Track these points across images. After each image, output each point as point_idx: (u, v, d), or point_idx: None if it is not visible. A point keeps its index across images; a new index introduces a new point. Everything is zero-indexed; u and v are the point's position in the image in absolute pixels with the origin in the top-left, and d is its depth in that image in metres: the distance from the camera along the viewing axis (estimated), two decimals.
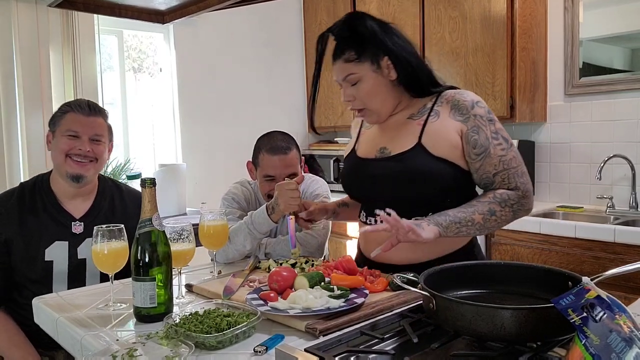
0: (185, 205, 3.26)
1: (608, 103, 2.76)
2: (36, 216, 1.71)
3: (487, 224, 1.31)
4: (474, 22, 2.95)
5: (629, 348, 0.74)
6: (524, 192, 1.34)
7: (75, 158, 1.70)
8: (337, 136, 4.12)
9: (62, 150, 1.70)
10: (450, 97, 1.38)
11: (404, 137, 1.39)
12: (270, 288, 1.29)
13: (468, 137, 1.34)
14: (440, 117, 1.37)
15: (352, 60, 1.40)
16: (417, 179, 1.33)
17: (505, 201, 1.32)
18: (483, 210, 1.30)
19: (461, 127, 1.35)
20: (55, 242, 1.70)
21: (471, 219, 1.29)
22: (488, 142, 1.33)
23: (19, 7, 2.76)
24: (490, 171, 1.34)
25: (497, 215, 1.31)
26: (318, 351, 0.94)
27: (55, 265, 1.69)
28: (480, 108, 1.35)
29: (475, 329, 0.91)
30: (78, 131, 1.72)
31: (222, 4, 1.64)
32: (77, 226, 1.74)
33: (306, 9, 4.07)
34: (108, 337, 1.14)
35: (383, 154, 1.43)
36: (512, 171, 1.33)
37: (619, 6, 2.72)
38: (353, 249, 3.36)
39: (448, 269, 1.15)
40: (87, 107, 1.76)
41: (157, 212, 1.26)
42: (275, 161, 1.79)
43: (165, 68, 3.52)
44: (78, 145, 1.70)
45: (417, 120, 1.40)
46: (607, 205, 2.70)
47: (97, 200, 1.80)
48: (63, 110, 1.76)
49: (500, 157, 1.33)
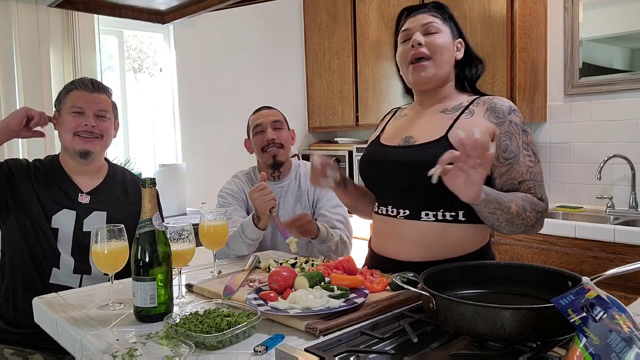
0: (185, 205, 3.26)
1: (608, 103, 2.76)
2: (47, 185, 1.75)
3: (516, 220, 1.26)
4: (473, 22, 2.95)
5: (629, 348, 0.74)
6: (547, 206, 1.32)
7: (82, 135, 1.73)
8: (337, 136, 4.12)
9: (69, 129, 1.73)
10: (488, 100, 1.39)
11: (432, 129, 1.38)
12: (270, 288, 1.29)
13: (500, 141, 1.32)
14: (474, 115, 1.36)
15: (438, 17, 1.42)
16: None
17: (535, 205, 1.29)
18: (519, 203, 1.26)
19: (494, 130, 1.33)
20: (64, 209, 1.73)
21: (508, 206, 1.24)
22: (519, 150, 1.32)
23: (19, 7, 2.76)
24: (516, 178, 1.31)
25: (526, 214, 1.27)
26: (318, 351, 0.94)
27: (60, 234, 1.71)
28: (516, 116, 1.35)
29: (475, 329, 0.91)
30: (83, 107, 1.74)
31: (222, 4, 1.64)
32: (83, 197, 1.77)
33: (306, 9, 4.07)
34: (108, 337, 1.14)
35: (407, 142, 1.41)
36: (537, 183, 1.32)
37: (619, 6, 2.72)
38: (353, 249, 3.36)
39: (448, 269, 1.15)
40: (90, 84, 1.78)
41: (157, 212, 1.26)
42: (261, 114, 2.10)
43: (165, 68, 3.52)
44: (84, 122, 1.73)
45: (449, 115, 1.39)
46: (607, 205, 2.70)
47: (107, 179, 1.84)
48: (68, 89, 1.78)
49: (528, 167, 1.31)
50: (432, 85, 1.43)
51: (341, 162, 3.74)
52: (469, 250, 1.38)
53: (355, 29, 3.70)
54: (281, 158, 2.06)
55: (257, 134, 2.07)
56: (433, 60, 1.39)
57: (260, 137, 2.05)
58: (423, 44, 1.39)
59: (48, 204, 1.73)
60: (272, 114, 2.11)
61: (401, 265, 1.37)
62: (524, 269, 1.16)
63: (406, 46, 1.42)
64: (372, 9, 3.56)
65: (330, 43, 3.89)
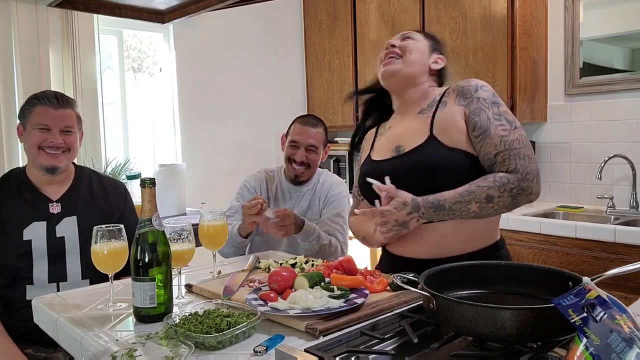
0: (185, 205, 3.26)
1: (608, 103, 2.76)
2: (12, 202, 1.76)
3: (483, 212, 1.30)
4: (474, 21, 2.95)
5: (630, 348, 0.74)
6: (523, 175, 1.29)
7: (48, 150, 1.74)
8: (337, 136, 4.12)
9: (34, 143, 1.73)
10: (456, 86, 1.42)
11: (416, 132, 1.41)
12: (270, 288, 1.29)
13: (470, 120, 1.34)
14: (447, 106, 1.39)
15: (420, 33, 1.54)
16: (433, 171, 1.32)
17: (505, 185, 1.28)
18: (480, 198, 1.28)
19: (464, 110, 1.36)
20: (33, 222, 1.74)
21: (466, 208, 1.28)
22: (489, 123, 1.32)
23: (18, 7, 2.76)
24: (491, 151, 1.32)
25: (495, 202, 1.28)
26: (318, 351, 0.94)
27: (34, 243, 1.73)
28: (484, 92, 1.37)
29: (476, 329, 0.91)
30: (49, 124, 1.74)
31: (222, 4, 1.63)
32: (54, 206, 1.78)
33: (306, 9, 4.07)
34: (108, 337, 1.14)
35: (399, 151, 1.44)
36: (513, 152, 1.30)
37: (619, 6, 2.72)
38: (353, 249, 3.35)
39: (448, 269, 1.15)
40: (55, 99, 1.77)
41: (157, 212, 1.26)
42: (303, 132, 2.10)
43: (165, 68, 3.51)
44: (50, 138, 1.73)
45: (426, 113, 1.43)
46: (608, 205, 2.70)
47: (74, 184, 1.85)
48: (31, 104, 1.77)
49: (502, 137, 1.31)
50: (396, 80, 1.48)
51: (341, 162, 3.74)
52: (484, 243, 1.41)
53: (355, 29, 3.70)
54: (304, 178, 2.14)
55: (291, 147, 2.12)
56: (402, 59, 1.46)
57: (290, 151, 2.12)
58: (396, 45, 1.49)
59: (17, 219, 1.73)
60: (313, 135, 2.11)
61: (420, 263, 1.37)
62: (524, 269, 1.16)
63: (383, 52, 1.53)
64: (372, 9, 3.56)
65: (330, 43, 3.89)
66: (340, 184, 2.22)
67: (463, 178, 1.33)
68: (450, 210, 1.29)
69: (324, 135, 2.16)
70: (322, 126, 2.16)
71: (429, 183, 1.34)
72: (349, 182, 3.69)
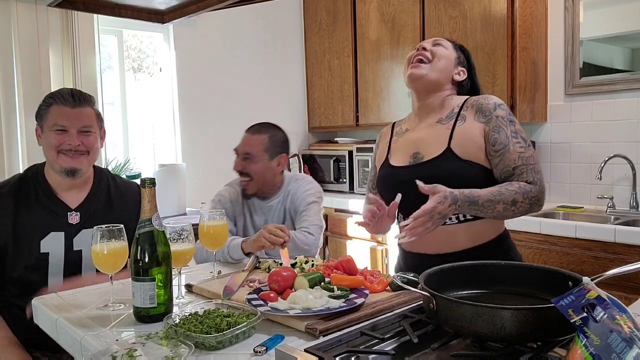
0: (185, 205, 3.26)
1: (608, 103, 2.76)
2: (29, 209, 1.66)
3: (505, 213, 1.39)
4: (474, 21, 2.95)
5: (630, 348, 0.74)
6: (541, 187, 1.41)
7: (68, 153, 1.65)
8: (337, 136, 4.12)
9: (52, 146, 1.65)
10: (475, 101, 1.50)
11: (434, 142, 1.49)
12: (270, 288, 1.29)
13: (489, 136, 1.44)
14: (466, 121, 1.48)
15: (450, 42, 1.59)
16: (449, 182, 1.37)
17: (528, 193, 1.38)
18: (508, 200, 1.37)
19: (484, 128, 1.45)
20: (51, 233, 1.66)
21: (494, 207, 1.37)
22: (508, 140, 1.43)
23: (18, 7, 2.76)
24: (510, 165, 1.42)
25: (517, 206, 1.38)
26: (318, 351, 0.94)
27: (51, 257, 1.66)
28: (501, 110, 1.46)
29: (476, 329, 0.91)
30: (65, 125, 1.65)
31: (222, 4, 1.63)
32: (73, 216, 1.69)
33: (306, 9, 4.07)
34: (108, 337, 1.14)
35: (416, 159, 1.51)
36: (529, 167, 1.41)
37: (619, 6, 2.72)
38: (353, 249, 3.36)
39: (448, 269, 1.15)
40: (71, 97, 1.68)
41: (157, 212, 1.26)
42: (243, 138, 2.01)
43: (165, 68, 3.51)
44: (67, 140, 1.65)
45: (445, 124, 1.50)
46: (608, 205, 2.70)
47: (93, 190, 1.76)
48: (47, 103, 1.69)
49: (520, 153, 1.42)
50: (421, 85, 1.54)
51: (341, 162, 3.74)
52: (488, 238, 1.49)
53: (355, 29, 3.70)
54: (249, 191, 2.00)
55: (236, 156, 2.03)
56: (431, 64, 1.53)
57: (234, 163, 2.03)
58: (427, 49, 1.54)
59: (34, 228, 1.65)
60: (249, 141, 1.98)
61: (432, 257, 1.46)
62: (524, 269, 1.16)
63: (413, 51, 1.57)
64: (372, 9, 3.56)
65: (330, 43, 3.89)
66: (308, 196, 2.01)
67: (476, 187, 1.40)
68: (482, 206, 1.37)
69: (266, 142, 1.96)
70: (266, 133, 1.98)
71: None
72: (348, 182, 3.70)
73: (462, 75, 1.58)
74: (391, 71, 3.47)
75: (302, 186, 2.04)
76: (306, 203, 1.98)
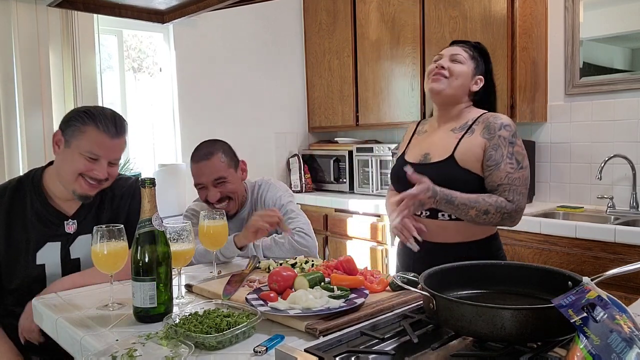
0: (185, 205, 3.25)
1: (608, 103, 2.76)
2: (24, 220, 1.61)
3: (476, 219, 1.55)
4: (474, 21, 2.95)
5: (630, 348, 0.74)
6: (517, 207, 1.56)
7: (90, 180, 1.57)
8: (337, 136, 4.12)
9: (76, 170, 1.55)
10: (486, 118, 1.64)
11: (443, 147, 1.65)
12: (270, 288, 1.29)
13: (486, 152, 1.59)
14: (473, 134, 1.63)
15: (467, 52, 1.71)
16: (448, 185, 1.54)
17: (501, 208, 1.54)
18: (481, 208, 1.53)
19: (485, 143, 1.60)
20: (47, 243, 1.61)
21: (467, 212, 1.54)
22: (501, 159, 1.57)
23: (18, 7, 2.76)
24: (495, 181, 1.57)
25: (489, 216, 1.54)
26: (318, 351, 0.94)
27: (47, 268, 1.61)
28: (506, 131, 1.60)
29: (476, 329, 0.91)
30: (100, 155, 1.55)
31: (222, 4, 1.63)
32: (69, 225, 1.64)
33: (306, 9, 4.07)
34: (108, 338, 1.14)
35: (425, 159, 1.68)
36: (513, 187, 1.56)
37: (619, 6, 2.72)
38: (353, 249, 3.36)
39: (448, 269, 1.15)
40: (113, 127, 1.57)
41: (157, 212, 1.26)
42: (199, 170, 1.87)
43: (165, 68, 3.51)
44: (96, 169, 1.56)
45: (456, 134, 1.65)
46: (608, 205, 2.70)
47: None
48: (85, 122, 1.55)
49: (508, 173, 1.56)
50: (440, 98, 1.69)
51: (341, 162, 3.74)
52: (478, 237, 1.63)
53: (355, 29, 3.70)
54: (233, 211, 1.94)
55: (200, 190, 1.91)
56: (448, 81, 1.66)
57: (202, 194, 1.91)
58: (445, 68, 1.67)
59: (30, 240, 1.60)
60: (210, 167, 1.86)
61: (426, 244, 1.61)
62: (524, 269, 1.16)
63: (433, 64, 1.71)
64: (372, 9, 3.56)
65: (330, 43, 3.89)
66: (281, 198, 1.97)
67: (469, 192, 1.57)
68: (457, 207, 1.53)
69: (224, 159, 1.88)
70: (218, 151, 1.88)
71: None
72: (348, 182, 3.70)
73: (479, 84, 1.70)
74: (391, 71, 3.47)
75: (270, 191, 1.99)
76: (282, 205, 1.93)
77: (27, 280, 1.61)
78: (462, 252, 1.58)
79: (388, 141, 3.77)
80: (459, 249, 1.60)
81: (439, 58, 1.71)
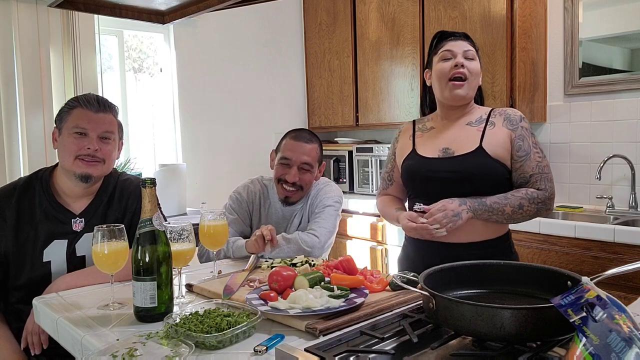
0: (185, 205, 3.26)
1: (608, 103, 2.76)
2: (32, 218, 1.65)
3: (514, 216, 1.55)
4: (473, 22, 2.95)
5: (629, 348, 0.74)
6: (550, 194, 1.58)
7: (84, 158, 1.62)
8: (337, 136, 4.12)
9: (70, 151, 1.62)
10: (502, 111, 1.67)
11: (465, 140, 1.63)
12: (270, 288, 1.29)
13: (514, 143, 1.61)
14: (495, 126, 1.63)
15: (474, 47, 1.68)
16: (478, 176, 1.56)
17: (534, 199, 1.55)
18: (514, 204, 1.54)
19: (511, 134, 1.62)
20: (54, 241, 1.64)
21: (502, 210, 1.54)
22: (530, 149, 1.60)
23: (19, 7, 2.76)
24: (527, 172, 1.59)
25: (524, 209, 1.55)
26: (318, 351, 0.94)
27: (53, 266, 1.64)
28: (526, 123, 1.65)
29: (475, 328, 0.91)
30: (86, 128, 1.63)
31: (222, 4, 1.63)
32: (77, 223, 1.67)
33: (306, 9, 4.07)
34: (108, 337, 1.14)
35: (446, 153, 1.64)
36: (544, 175, 1.59)
37: (618, 6, 2.72)
38: (353, 249, 3.36)
39: (448, 269, 1.16)
40: (95, 102, 1.66)
41: (157, 212, 1.27)
42: (296, 147, 1.92)
43: (165, 68, 3.52)
44: (86, 144, 1.62)
45: (475, 127, 1.65)
46: (607, 205, 2.70)
47: (97, 195, 1.74)
48: (70, 105, 1.66)
49: (538, 162, 1.59)
50: (462, 102, 1.67)
51: (341, 162, 3.74)
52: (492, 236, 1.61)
53: (355, 29, 3.70)
54: (294, 199, 1.97)
55: (281, 165, 1.94)
56: (468, 82, 1.63)
57: (281, 170, 1.93)
58: (465, 66, 1.62)
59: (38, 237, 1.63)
60: (308, 151, 1.93)
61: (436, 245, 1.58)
62: (523, 269, 1.16)
63: (446, 64, 1.63)
64: (372, 9, 3.56)
65: (330, 43, 3.89)
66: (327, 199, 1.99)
67: (500, 185, 1.59)
68: (490, 208, 1.54)
69: (319, 151, 1.98)
70: (317, 142, 1.99)
71: (470, 186, 1.57)
72: (348, 182, 3.70)
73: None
74: (391, 71, 3.48)
75: (323, 189, 2.02)
76: (323, 205, 1.96)
77: (33, 277, 1.63)
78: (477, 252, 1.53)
79: (388, 141, 3.77)
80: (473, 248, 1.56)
81: (451, 56, 1.63)
